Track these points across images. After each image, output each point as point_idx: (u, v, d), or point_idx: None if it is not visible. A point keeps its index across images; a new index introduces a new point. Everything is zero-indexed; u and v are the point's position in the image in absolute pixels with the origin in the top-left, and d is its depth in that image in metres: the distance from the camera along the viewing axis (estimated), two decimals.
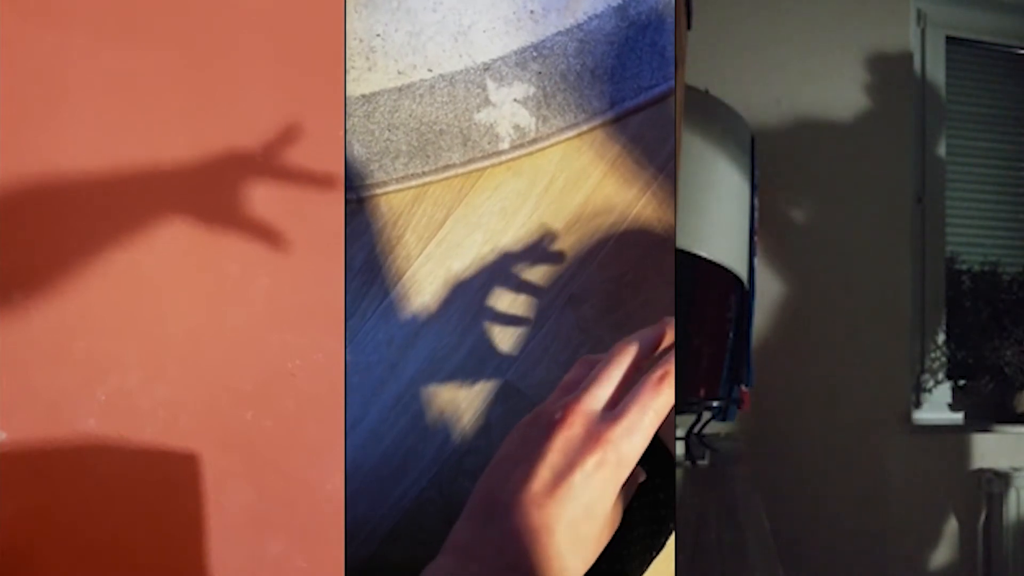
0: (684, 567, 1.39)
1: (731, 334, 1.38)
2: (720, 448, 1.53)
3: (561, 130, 0.88)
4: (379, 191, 0.89)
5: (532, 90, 0.88)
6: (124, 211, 0.94)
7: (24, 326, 0.93)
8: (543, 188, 0.89)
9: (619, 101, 0.88)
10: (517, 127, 0.88)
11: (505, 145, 0.88)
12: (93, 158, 0.94)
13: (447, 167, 0.89)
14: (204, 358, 0.96)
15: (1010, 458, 1.82)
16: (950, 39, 2.02)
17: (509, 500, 0.45)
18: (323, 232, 0.96)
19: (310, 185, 0.95)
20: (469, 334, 0.88)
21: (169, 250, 0.95)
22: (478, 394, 0.87)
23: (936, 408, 1.86)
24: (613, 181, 0.89)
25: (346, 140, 0.89)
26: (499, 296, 0.88)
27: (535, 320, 0.88)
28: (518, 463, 0.47)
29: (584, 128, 0.88)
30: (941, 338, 1.89)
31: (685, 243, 1.24)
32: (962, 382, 1.90)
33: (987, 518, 1.78)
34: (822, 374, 1.74)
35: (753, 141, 1.47)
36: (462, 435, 0.87)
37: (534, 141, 0.88)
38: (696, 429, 1.43)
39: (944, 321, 1.90)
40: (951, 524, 1.78)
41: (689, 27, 1.11)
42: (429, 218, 0.89)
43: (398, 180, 0.89)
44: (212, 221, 0.95)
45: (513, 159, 0.89)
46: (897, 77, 1.90)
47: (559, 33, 0.87)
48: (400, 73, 0.88)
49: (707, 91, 1.39)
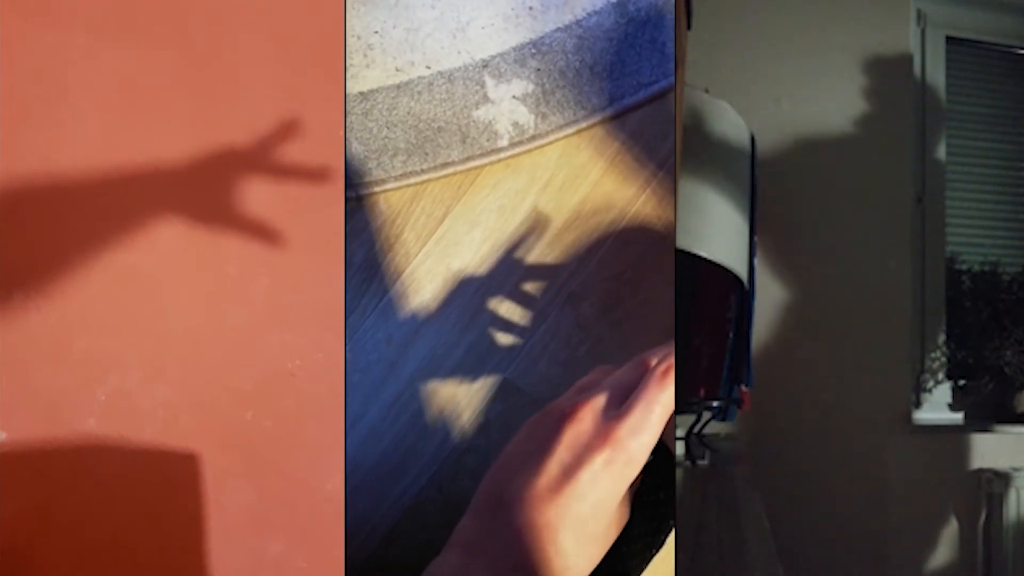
0: (684, 567, 1.39)
1: (731, 334, 1.38)
2: (720, 448, 1.53)
3: (560, 127, 0.88)
4: (377, 189, 0.89)
5: (531, 87, 0.88)
6: (124, 211, 0.94)
7: (24, 326, 0.93)
8: (542, 185, 0.89)
9: (618, 98, 0.88)
10: (516, 124, 0.88)
11: (504, 142, 0.88)
12: (93, 158, 0.94)
13: (446, 165, 0.89)
14: (204, 358, 0.96)
15: (1010, 458, 1.82)
16: (950, 39, 2.03)
17: (516, 496, 0.45)
18: (323, 231, 0.96)
19: (310, 184, 0.95)
20: (468, 331, 0.88)
21: (169, 250, 0.95)
22: (477, 392, 0.87)
23: (936, 408, 1.86)
24: (612, 178, 0.89)
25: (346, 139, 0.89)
26: (498, 294, 0.88)
27: (534, 318, 0.88)
28: (526, 459, 0.47)
29: (583, 125, 0.88)
30: (941, 338, 1.89)
31: (685, 243, 1.25)
32: (962, 382, 1.90)
33: (987, 518, 1.78)
34: (822, 374, 1.74)
35: (753, 141, 1.47)
36: (462, 433, 0.87)
37: (533, 138, 0.88)
38: (696, 429, 1.43)
39: (944, 321, 1.90)
40: (951, 524, 1.78)
41: (689, 27, 1.12)
42: (428, 216, 0.89)
43: (396, 178, 0.89)
44: (212, 221, 0.95)
45: (512, 156, 0.89)
46: (897, 77, 1.91)
47: (558, 29, 0.88)
48: (398, 70, 0.88)
49: (707, 91, 1.39)
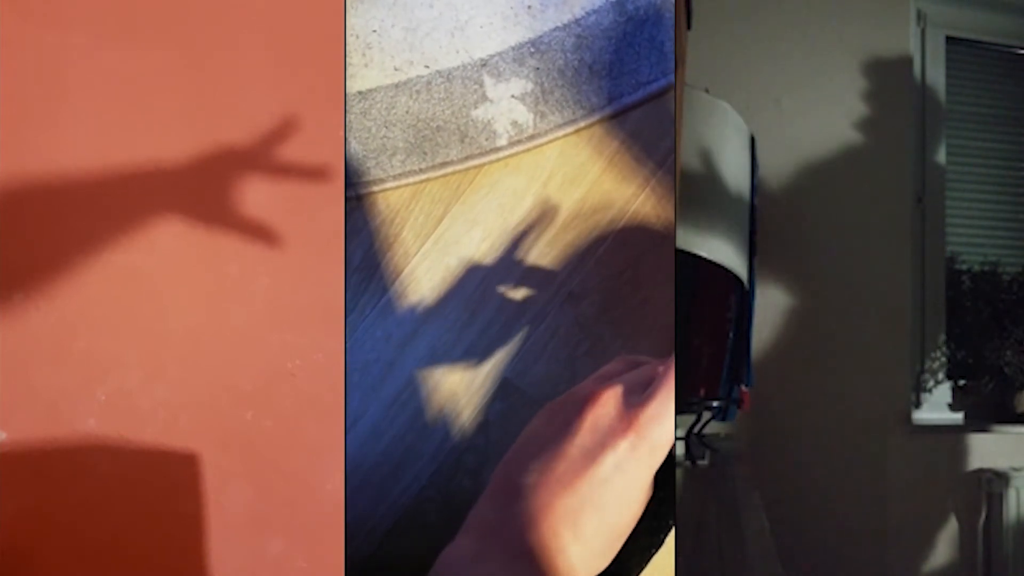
0: (684, 567, 1.39)
1: (731, 334, 1.38)
2: (720, 448, 1.53)
3: (559, 126, 0.88)
4: (376, 188, 0.89)
5: (530, 86, 0.88)
6: (124, 211, 0.94)
7: (24, 326, 0.93)
8: (541, 185, 0.89)
9: (617, 97, 0.88)
10: (515, 123, 0.88)
11: (503, 141, 0.88)
12: (93, 158, 0.94)
13: (444, 164, 0.89)
14: (204, 358, 0.96)
15: (1010, 458, 1.82)
16: (950, 39, 2.03)
17: (534, 481, 0.44)
18: (322, 231, 0.96)
19: (310, 184, 0.95)
20: (468, 330, 0.88)
21: (169, 249, 0.95)
22: (477, 391, 0.87)
23: (936, 408, 1.86)
24: (612, 177, 0.89)
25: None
26: (498, 292, 0.88)
27: (534, 317, 0.88)
28: (545, 443, 0.45)
29: (582, 124, 0.88)
30: (941, 338, 1.89)
31: (685, 243, 1.25)
32: (962, 382, 1.90)
33: (987, 518, 1.78)
34: (822, 374, 1.74)
35: (753, 141, 1.47)
36: (461, 432, 0.87)
37: (532, 137, 0.88)
38: (696, 429, 1.43)
39: (944, 321, 1.90)
40: (951, 524, 1.78)
41: (689, 27, 1.12)
42: (427, 215, 0.89)
43: (395, 177, 0.89)
44: (212, 221, 0.95)
45: (511, 156, 0.89)
46: (897, 78, 1.91)
47: (557, 28, 0.88)
48: (397, 69, 0.88)
49: (707, 91, 1.40)
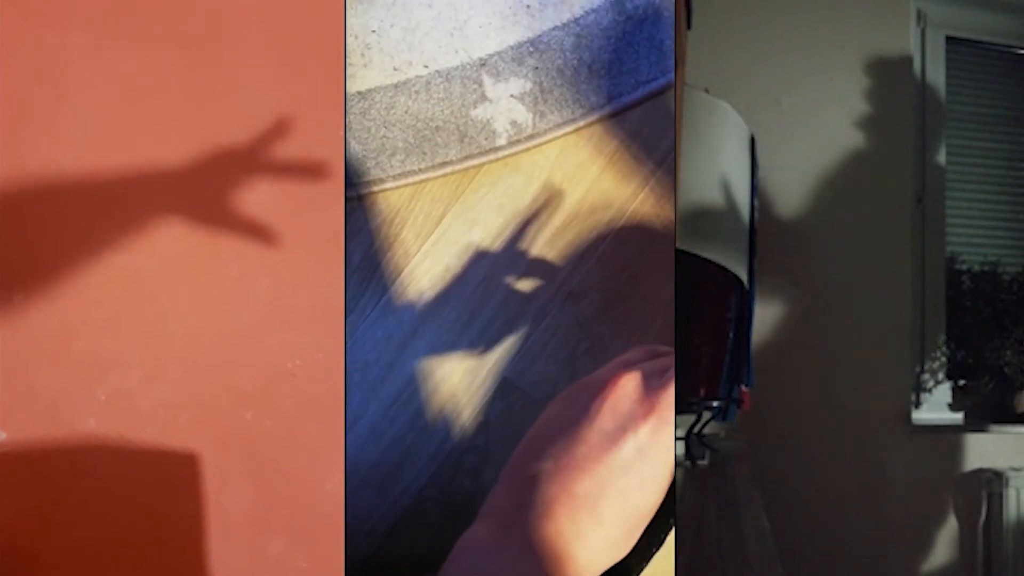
0: (684, 567, 1.39)
1: (731, 334, 1.38)
2: (720, 448, 1.53)
3: (558, 125, 0.88)
4: (376, 188, 0.89)
5: (529, 85, 0.88)
6: (124, 211, 0.94)
7: (24, 326, 0.93)
8: (541, 184, 0.89)
9: (616, 96, 0.88)
10: (514, 123, 0.88)
11: (502, 141, 0.88)
12: (93, 158, 0.94)
13: (444, 164, 0.89)
14: (204, 358, 0.96)
15: (1009, 458, 1.81)
16: (950, 39, 2.02)
17: (553, 466, 0.43)
18: (322, 231, 0.96)
19: (310, 184, 0.95)
20: (468, 330, 0.88)
21: (169, 250, 0.95)
22: (477, 391, 0.87)
23: (936, 408, 1.86)
24: (611, 176, 0.89)
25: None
26: (498, 292, 0.88)
27: (534, 316, 0.88)
28: (563, 427, 0.44)
29: (581, 123, 0.88)
30: (941, 338, 1.88)
31: (685, 243, 1.24)
32: (962, 382, 1.90)
33: (987, 518, 1.77)
34: (822, 374, 1.74)
35: (753, 141, 1.47)
36: (462, 432, 0.87)
37: (531, 137, 0.88)
38: (696, 429, 1.43)
39: (944, 321, 1.90)
40: (951, 524, 1.78)
41: (689, 27, 1.12)
42: (427, 215, 0.89)
43: (395, 177, 0.89)
44: (212, 221, 0.95)
45: (510, 155, 0.89)
46: (897, 78, 1.90)
47: (555, 28, 0.88)
48: (396, 70, 0.88)
49: (707, 91, 1.39)
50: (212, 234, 0.95)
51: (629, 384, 0.45)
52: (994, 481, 1.76)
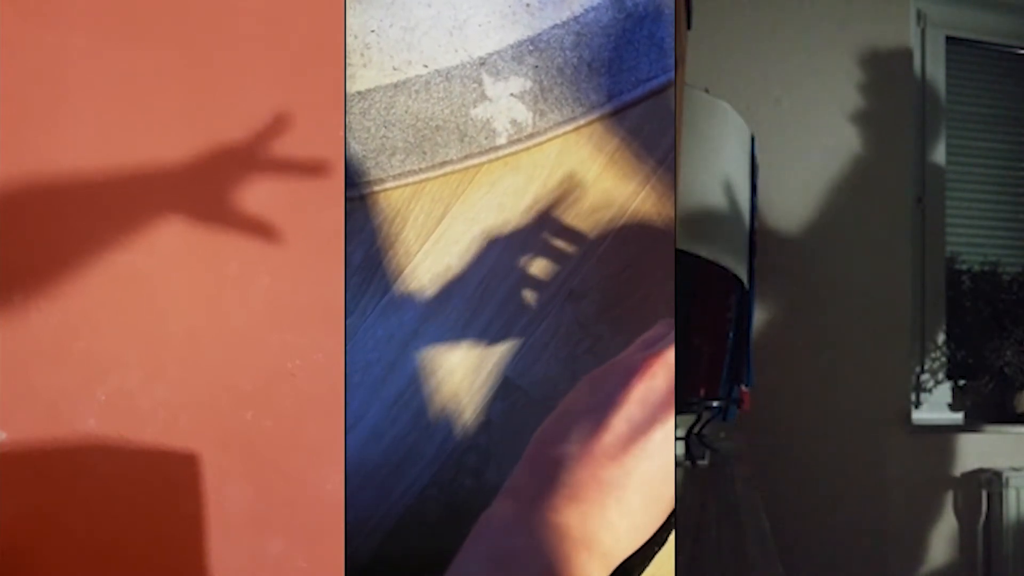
0: (684, 567, 1.39)
1: (731, 334, 1.38)
2: (720, 448, 1.53)
3: (558, 124, 0.88)
4: (376, 188, 0.89)
5: (529, 84, 0.88)
6: (124, 211, 0.94)
7: (24, 326, 0.93)
8: (541, 183, 0.89)
9: (617, 94, 0.88)
10: (514, 122, 0.88)
11: (502, 140, 0.88)
12: (93, 158, 0.94)
13: (444, 163, 0.89)
14: (204, 358, 0.96)
15: (1009, 458, 1.81)
16: (950, 39, 2.03)
17: (577, 451, 0.42)
18: (323, 231, 0.96)
19: (310, 183, 0.95)
20: (469, 329, 0.88)
21: (169, 249, 0.95)
22: (479, 390, 0.87)
23: (936, 408, 1.86)
24: (612, 175, 0.89)
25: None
26: (498, 291, 0.88)
27: (534, 315, 0.88)
28: (589, 412, 0.44)
29: (582, 122, 0.88)
30: (941, 338, 1.89)
31: (685, 243, 1.25)
32: (962, 382, 1.90)
33: (987, 518, 1.77)
34: (822, 374, 1.74)
35: (753, 141, 1.47)
36: (463, 432, 0.87)
37: (531, 136, 0.88)
38: (696, 429, 1.43)
39: (944, 321, 1.90)
40: (951, 524, 1.78)
41: (689, 26, 1.12)
42: (427, 215, 0.89)
43: (395, 177, 0.89)
44: (212, 220, 0.95)
45: (510, 154, 0.89)
46: (897, 77, 1.90)
47: (555, 26, 0.88)
48: (395, 69, 0.88)
49: (707, 91, 1.40)
50: (212, 234, 0.95)
51: (659, 373, 0.45)
52: (994, 481, 1.76)
